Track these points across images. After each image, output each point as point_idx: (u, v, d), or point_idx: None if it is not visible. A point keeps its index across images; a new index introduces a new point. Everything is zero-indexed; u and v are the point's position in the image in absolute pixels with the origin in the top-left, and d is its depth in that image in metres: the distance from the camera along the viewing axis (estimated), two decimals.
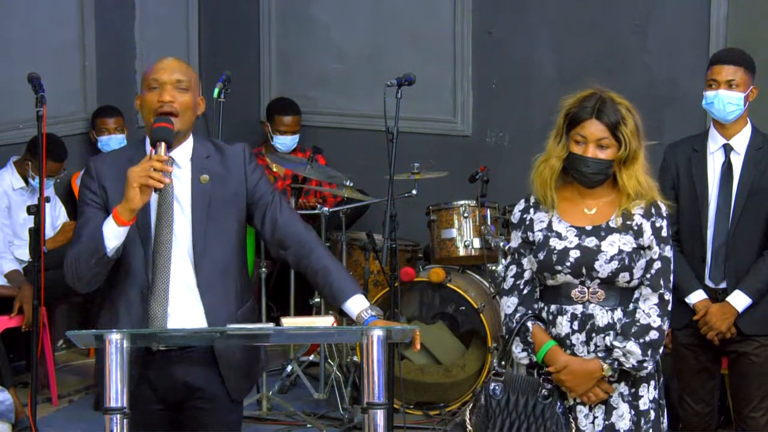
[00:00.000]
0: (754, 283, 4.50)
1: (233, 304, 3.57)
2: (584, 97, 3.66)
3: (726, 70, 4.50)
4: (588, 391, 3.65)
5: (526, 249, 3.73)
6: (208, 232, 3.53)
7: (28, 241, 5.86)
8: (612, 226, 3.66)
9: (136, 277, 3.51)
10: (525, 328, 3.68)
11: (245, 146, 3.68)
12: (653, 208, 3.68)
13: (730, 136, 4.57)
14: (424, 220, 6.34)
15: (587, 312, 3.65)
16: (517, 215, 3.79)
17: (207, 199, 3.54)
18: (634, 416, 3.68)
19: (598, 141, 3.62)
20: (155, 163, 3.35)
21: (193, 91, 3.57)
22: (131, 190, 3.35)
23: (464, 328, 6.28)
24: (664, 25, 6.70)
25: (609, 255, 3.62)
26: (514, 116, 7.13)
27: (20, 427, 5.63)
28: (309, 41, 7.64)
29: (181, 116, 3.52)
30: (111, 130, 6.73)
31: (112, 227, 3.40)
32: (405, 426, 5.69)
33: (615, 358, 3.62)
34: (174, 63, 3.61)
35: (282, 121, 7.04)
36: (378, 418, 3.20)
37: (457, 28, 7.18)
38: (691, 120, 6.20)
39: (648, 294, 3.65)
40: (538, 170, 3.72)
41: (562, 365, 3.64)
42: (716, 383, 4.72)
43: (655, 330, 3.62)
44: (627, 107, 3.66)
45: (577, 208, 3.71)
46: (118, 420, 3.17)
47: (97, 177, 3.56)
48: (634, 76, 6.67)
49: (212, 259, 3.53)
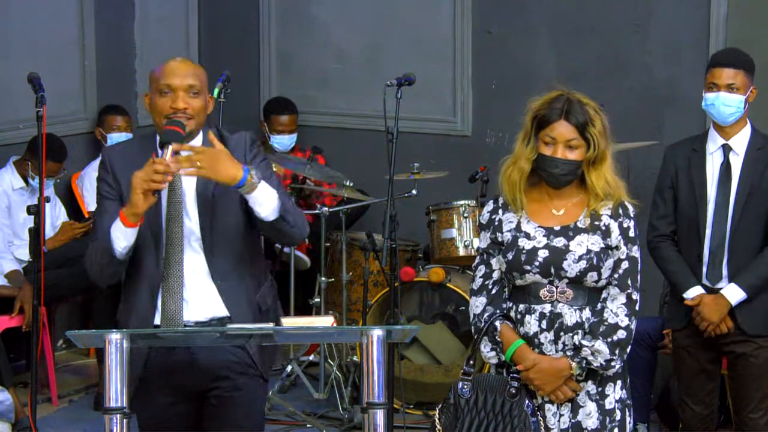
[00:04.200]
0: (749, 278, 4.50)
1: (252, 288, 3.62)
2: (552, 98, 3.69)
3: (726, 73, 4.49)
4: (556, 389, 3.67)
5: (495, 249, 3.75)
6: (215, 223, 3.56)
7: (28, 241, 5.86)
8: (580, 227, 3.68)
9: (149, 273, 3.55)
10: (493, 328, 3.70)
11: (248, 134, 3.70)
12: (620, 208, 3.70)
13: (730, 136, 4.57)
14: (424, 220, 6.33)
15: (555, 311, 3.67)
16: (485, 216, 3.81)
17: (210, 191, 3.57)
18: (600, 415, 3.70)
19: (567, 142, 3.64)
20: (158, 167, 3.38)
21: (204, 93, 3.59)
22: (135, 195, 3.39)
23: (464, 328, 6.28)
24: (664, 26, 6.70)
25: (577, 255, 3.64)
26: (514, 116, 7.05)
27: (20, 427, 5.63)
28: (309, 41, 7.64)
29: (194, 119, 3.56)
30: (121, 128, 6.77)
31: (120, 228, 3.44)
32: (405, 426, 5.69)
33: (583, 357, 3.64)
34: (185, 66, 3.60)
35: (278, 120, 7.04)
36: (378, 418, 3.21)
37: (457, 28, 7.18)
38: (690, 120, 6.20)
39: (616, 294, 3.67)
40: (506, 173, 3.75)
41: (531, 363, 3.65)
42: (716, 385, 4.72)
43: (623, 329, 3.64)
44: (594, 108, 3.68)
45: (546, 209, 3.73)
46: (118, 420, 3.18)
47: (111, 168, 3.60)
48: (634, 76, 6.67)
49: (224, 247, 3.57)
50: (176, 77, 3.54)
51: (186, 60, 3.66)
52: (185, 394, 3.63)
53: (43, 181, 5.19)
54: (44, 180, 5.24)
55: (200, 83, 3.58)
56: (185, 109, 3.52)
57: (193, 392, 3.63)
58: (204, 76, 3.62)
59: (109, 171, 3.61)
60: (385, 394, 3.27)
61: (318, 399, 6.08)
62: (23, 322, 5.91)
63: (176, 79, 3.54)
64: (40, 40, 6.81)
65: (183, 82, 3.54)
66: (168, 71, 3.57)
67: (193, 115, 3.55)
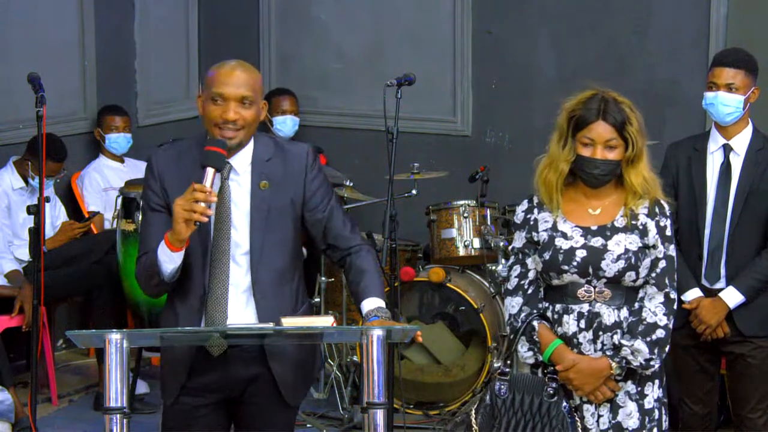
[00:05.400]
0: (748, 280, 4.49)
1: (288, 310, 3.54)
2: (587, 98, 3.66)
3: (726, 72, 4.49)
4: (595, 389, 3.67)
5: (531, 249, 3.74)
6: (265, 240, 3.48)
7: (28, 241, 5.86)
8: (617, 226, 3.67)
9: (194, 283, 3.48)
10: (531, 328, 3.70)
11: (309, 149, 3.61)
12: (657, 206, 3.70)
13: (731, 136, 4.57)
14: (424, 220, 6.34)
15: (594, 311, 3.66)
16: (520, 215, 3.80)
17: (266, 207, 3.49)
18: (640, 415, 3.70)
19: (606, 142, 3.62)
20: (198, 195, 3.30)
21: (257, 102, 3.48)
22: (177, 225, 3.32)
23: (464, 328, 6.28)
24: (664, 26, 6.70)
25: (615, 254, 3.63)
26: (514, 116, 7.13)
27: (20, 426, 5.63)
28: (309, 41, 7.64)
29: (244, 130, 3.46)
30: (120, 128, 6.78)
31: (167, 252, 3.39)
32: (405, 426, 5.69)
33: (623, 357, 3.63)
34: (240, 75, 3.46)
35: (279, 101, 6.99)
36: (378, 417, 3.20)
37: (457, 28, 7.18)
38: (691, 120, 6.20)
39: (653, 293, 3.67)
40: (542, 175, 3.72)
41: (570, 363, 3.65)
42: (715, 384, 4.72)
43: (661, 328, 3.64)
44: (630, 106, 3.67)
45: (582, 209, 3.72)
46: (117, 420, 3.17)
47: (159, 176, 3.51)
48: (635, 76, 6.67)
49: (269, 266, 3.50)
50: (229, 86, 3.43)
51: (241, 65, 3.51)
52: (217, 399, 3.59)
53: (43, 181, 5.18)
54: (44, 180, 5.23)
55: (254, 93, 3.45)
56: (235, 121, 3.42)
57: (223, 400, 3.60)
58: (259, 82, 3.50)
59: (157, 179, 3.50)
60: (385, 394, 3.26)
61: (318, 399, 6.08)
62: (23, 322, 5.91)
63: (229, 88, 3.42)
64: (40, 40, 6.81)
65: (236, 93, 3.42)
66: (222, 79, 3.45)
67: (244, 126, 3.44)
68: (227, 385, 3.54)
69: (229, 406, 3.62)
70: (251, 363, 3.53)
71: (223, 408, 3.61)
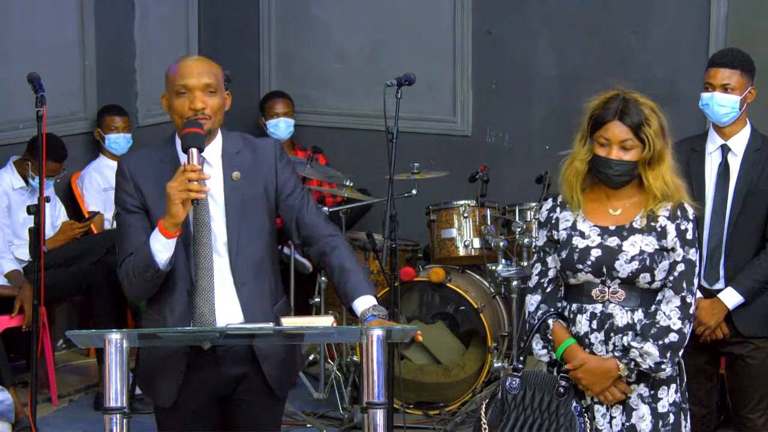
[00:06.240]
0: (747, 281, 4.49)
1: (268, 300, 3.60)
2: (608, 98, 3.67)
3: (722, 73, 4.49)
4: (604, 390, 3.66)
5: (551, 247, 3.75)
6: (242, 229, 3.55)
7: (28, 241, 5.86)
8: (635, 227, 3.66)
9: (180, 277, 3.52)
10: (546, 325, 3.71)
11: (276, 141, 3.70)
12: (679, 210, 3.68)
13: (729, 137, 4.56)
14: (424, 220, 6.34)
15: (606, 311, 3.66)
16: (544, 214, 3.81)
17: (239, 196, 3.56)
18: (653, 419, 3.68)
19: (621, 143, 3.62)
20: (190, 174, 3.36)
21: (220, 91, 3.57)
22: (174, 206, 3.36)
23: (464, 328, 6.29)
24: (664, 25, 6.70)
25: (630, 255, 3.63)
26: (514, 116, 7.13)
27: (20, 426, 5.63)
28: (309, 41, 7.64)
29: (213, 118, 3.53)
30: (120, 128, 6.79)
31: (161, 240, 3.42)
32: (405, 426, 5.69)
33: (632, 359, 3.62)
34: (200, 65, 3.57)
35: (272, 105, 7.02)
36: (378, 417, 3.20)
37: (457, 28, 7.19)
38: (690, 120, 6.19)
39: (670, 296, 3.64)
40: (564, 173, 3.74)
41: (579, 362, 3.65)
42: (714, 385, 4.72)
43: (675, 332, 3.61)
44: (651, 107, 3.67)
45: (603, 209, 3.72)
46: (117, 420, 3.17)
47: (132, 178, 3.56)
48: (634, 75, 6.66)
49: (247, 255, 3.55)
50: (192, 77, 3.52)
51: (201, 58, 3.63)
52: (211, 397, 3.63)
53: (43, 181, 5.18)
54: (44, 180, 5.24)
55: (216, 81, 3.55)
56: (203, 109, 3.50)
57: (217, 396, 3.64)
58: (220, 73, 3.59)
59: (129, 180, 3.56)
60: (385, 394, 3.26)
61: (318, 399, 6.08)
62: (23, 322, 5.91)
63: (192, 78, 3.52)
64: (40, 40, 6.81)
65: (199, 82, 3.51)
66: (183, 71, 3.54)
67: (212, 115, 3.52)
68: (218, 382, 3.58)
69: (221, 404, 3.65)
70: (240, 362, 3.57)
71: (217, 407, 3.64)
